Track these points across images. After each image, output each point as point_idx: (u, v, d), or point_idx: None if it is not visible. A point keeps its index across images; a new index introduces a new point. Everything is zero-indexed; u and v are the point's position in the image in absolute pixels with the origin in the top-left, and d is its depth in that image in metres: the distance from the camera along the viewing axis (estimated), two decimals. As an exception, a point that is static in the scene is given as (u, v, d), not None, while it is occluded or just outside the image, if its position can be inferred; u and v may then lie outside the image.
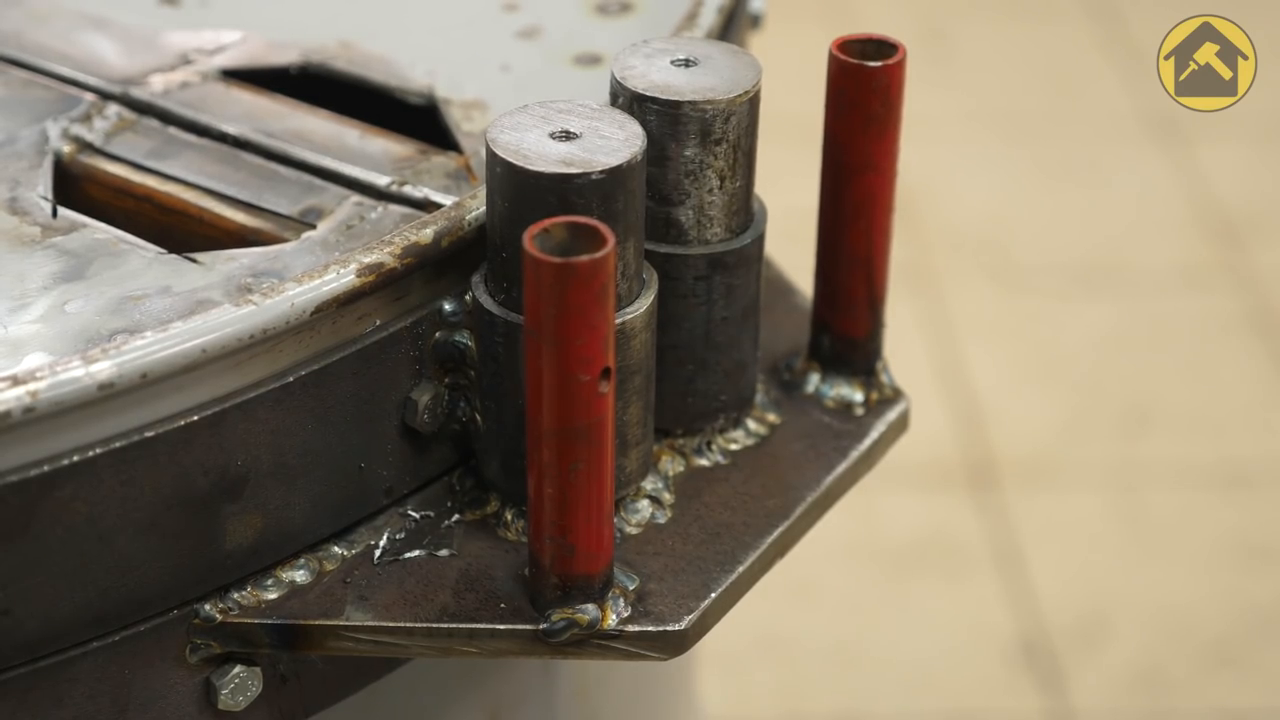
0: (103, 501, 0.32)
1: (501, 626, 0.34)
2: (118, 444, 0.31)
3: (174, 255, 0.37)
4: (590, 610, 0.33)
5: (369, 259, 0.33)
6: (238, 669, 0.34)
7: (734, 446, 0.39)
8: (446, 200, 0.38)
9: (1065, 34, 1.66)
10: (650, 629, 0.34)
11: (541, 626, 0.34)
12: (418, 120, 0.43)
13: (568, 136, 0.34)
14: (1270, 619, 1.12)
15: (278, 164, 0.40)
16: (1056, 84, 1.61)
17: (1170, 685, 1.06)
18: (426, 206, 0.38)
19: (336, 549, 0.35)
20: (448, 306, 0.36)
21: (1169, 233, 1.41)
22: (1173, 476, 1.21)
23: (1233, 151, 1.52)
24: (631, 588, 0.35)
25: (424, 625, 0.34)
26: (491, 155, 0.33)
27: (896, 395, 0.42)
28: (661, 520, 0.37)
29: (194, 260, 0.36)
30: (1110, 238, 1.41)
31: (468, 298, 0.36)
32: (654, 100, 0.36)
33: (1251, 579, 1.13)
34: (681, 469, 0.39)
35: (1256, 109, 1.45)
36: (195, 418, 0.32)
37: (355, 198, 0.39)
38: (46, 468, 0.30)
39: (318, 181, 0.39)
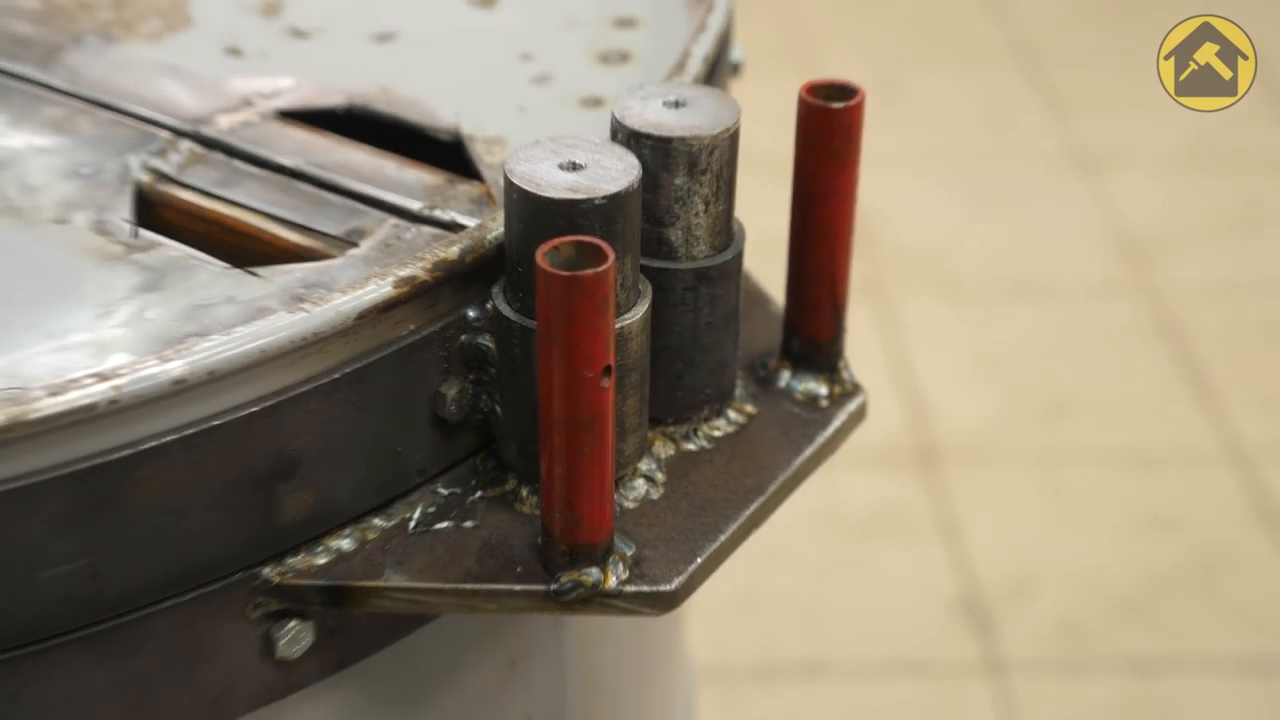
0: (176, 481, 0.34)
1: (518, 587, 0.37)
2: (189, 431, 0.34)
3: (238, 270, 0.39)
4: (594, 573, 0.36)
5: (404, 273, 0.36)
6: (293, 623, 0.37)
7: (717, 433, 0.42)
8: (471, 222, 0.40)
9: (999, 82, 1.86)
10: (645, 589, 0.37)
11: (552, 587, 0.37)
12: (446, 154, 0.45)
13: (574, 167, 0.36)
14: (1170, 579, 1.26)
15: (326, 192, 0.43)
16: (991, 125, 1.80)
17: (1085, 635, 1.19)
18: (453, 228, 0.40)
19: (377, 521, 0.38)
20: (472, 313, 0.38)
21: (1086, 252, 1.59)
22: (1088, 458, 1.36)
23: (1140, 182, 1.66)
24: (629, 554, 0.37)
25: (452, 586, 0.37)
26: (509, 183, 0.36)
27: (855, 389, 0.45)
28: (655, 496, 0.40)
29: (255, 274, 0.39)
30: (1036, 256, 1.60)
31: (489, 306, 0.38)
32: (648, 136, 0.39)
33: (1155, 545, 1.27)
34: (672, 452, 0.41)
35: (1159, 145, 1.74)
36: (255, 409, 0.34)
37: (393, 220, 0.41)
38: (128, 452, 0.33)
39: (360, 206, 0.42)
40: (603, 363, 0.33)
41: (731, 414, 0.42)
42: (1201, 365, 1.49)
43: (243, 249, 0.41)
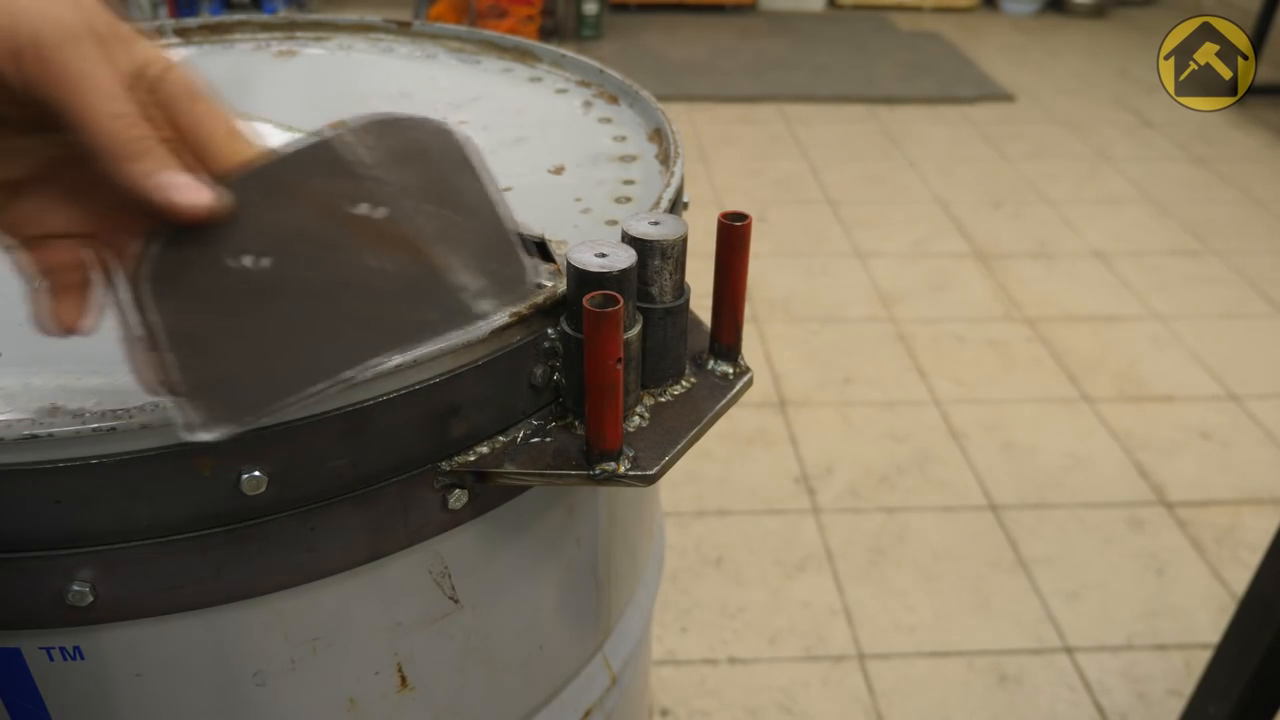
0: (398, 417, 0.45)
1: (573, 473, 0.48)
2: (402, 391, 0.44)
3: None
4: (612, 465, 0.48)
5: (515, 309, 0.46)
6: (457, 490, 0.49)
7: (676, 392, 0.53)
8: (549, 283, 0.49)
9: (817, 214, 2.96)
10: (638, 473, 0.48)
11: (591, 472, 0.48)
12: (538, 248, 0.53)
13: (602, 255, 0.46)
14: (904, 467, 1.96)
15: None
16: (811, 236, 2.82)
17: (860, 495, 1.89)
18: (540, 287, 0.48)
19: (501, 438, 0.49)
20: (550, 331, 0.49)
21: (860, 299, 2.51)
22: (862, 405, 2.14)
23: (888, 264, 2.67)
24: (630, 455, 0.49)
25: (539, 472, 0.48)
26: (569, 264, 0.46)
27: (747, 370, 0.55)
28: (644, 425, 0.51)
29: None
30: (835, 301, 2.51)
31: (559, 327, 0.49)
32: (640, 239, 0.49)
33: (895, 448, 2.01)
34: (652, 403, 0.52)
35: (896, 248, 2.80)
36: (437, 379, 0.45)
37: None
38: (370, 402, 0.44)
39: None
40: (617, 356, 0.44)
41: (683, 383, 0.53)
42: (918, 357, 2.29)
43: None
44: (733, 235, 0.50)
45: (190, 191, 0.36)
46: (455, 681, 0.55)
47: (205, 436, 0.35)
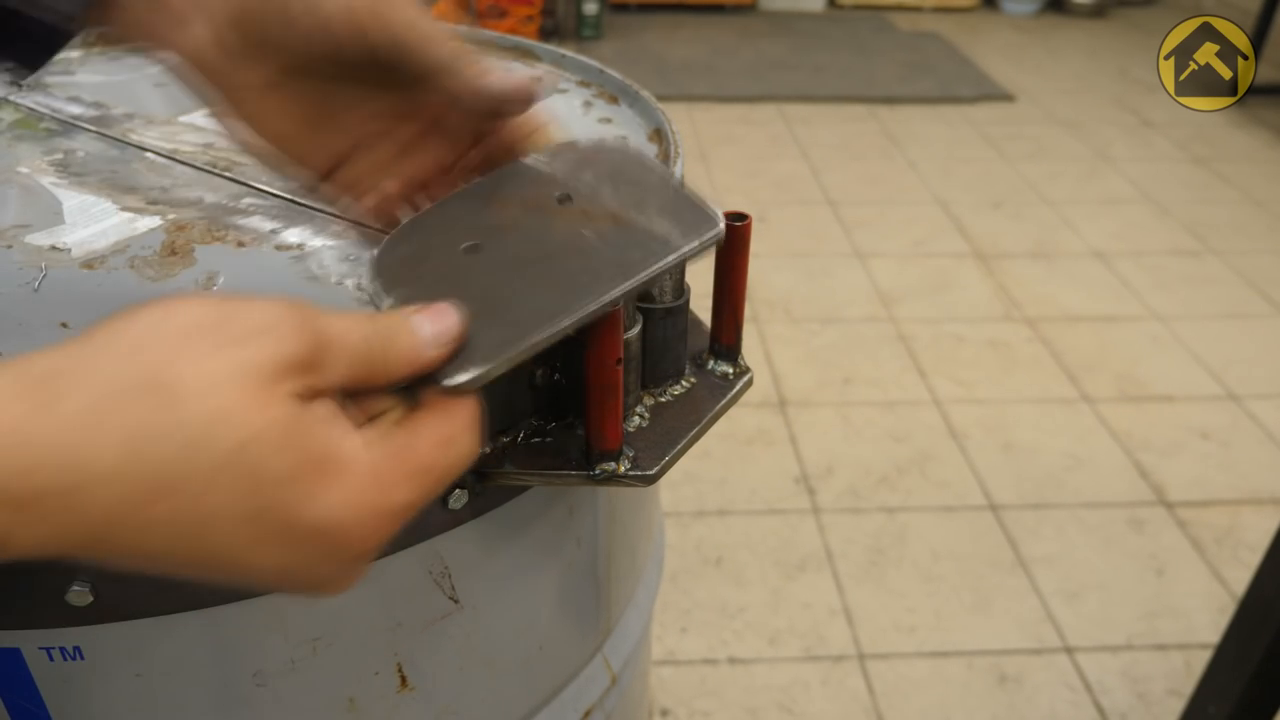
0: None
1: (574, 473, 0.48)
2: None
3: None
4: (612, 465, 0.48)
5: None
6: (457, 490, 0.49)
7: (675, 392, 0.53)
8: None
9: (817, 215, 2.96)
10: (638, 473, 0.48)
11: (591, 472, 0.48)
12: None
13: None
14: (903, 466, 1.97)
15: None
16: (812, 236, 2.84)
17: (860, 495, 1.91)
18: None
19: (502, 437, 0.49)
20: None
21: (860, 299, 2.53)
22: (862, 404, 2.16)
23: (887, 264, 2.69)
24: (630, 455, 0.49)
25: (540, 472, 0.48)
26: None
27: (747, 370, 0.55)
28: (644, 425, 0.51)
29: None
30: (835, 301, 2.53)
31: None
32: None
33: (895, 448, 2.03)
34: (652, 403, 0.52)
35: (896, 248, 2.82)
36: None
37: None
38: None
39: None
40: (617, 355, 0.44)
41: (683, 383, 0.54)
42: (918, 357, 2.32)
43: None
44: (733, 235, 0.50)
45: (510, 78, 0.44)
46: (455, 681, 0.56)
47: (461, 378, 0.37)
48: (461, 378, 0.36)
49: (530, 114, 0.46)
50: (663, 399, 0.53)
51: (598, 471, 0.48)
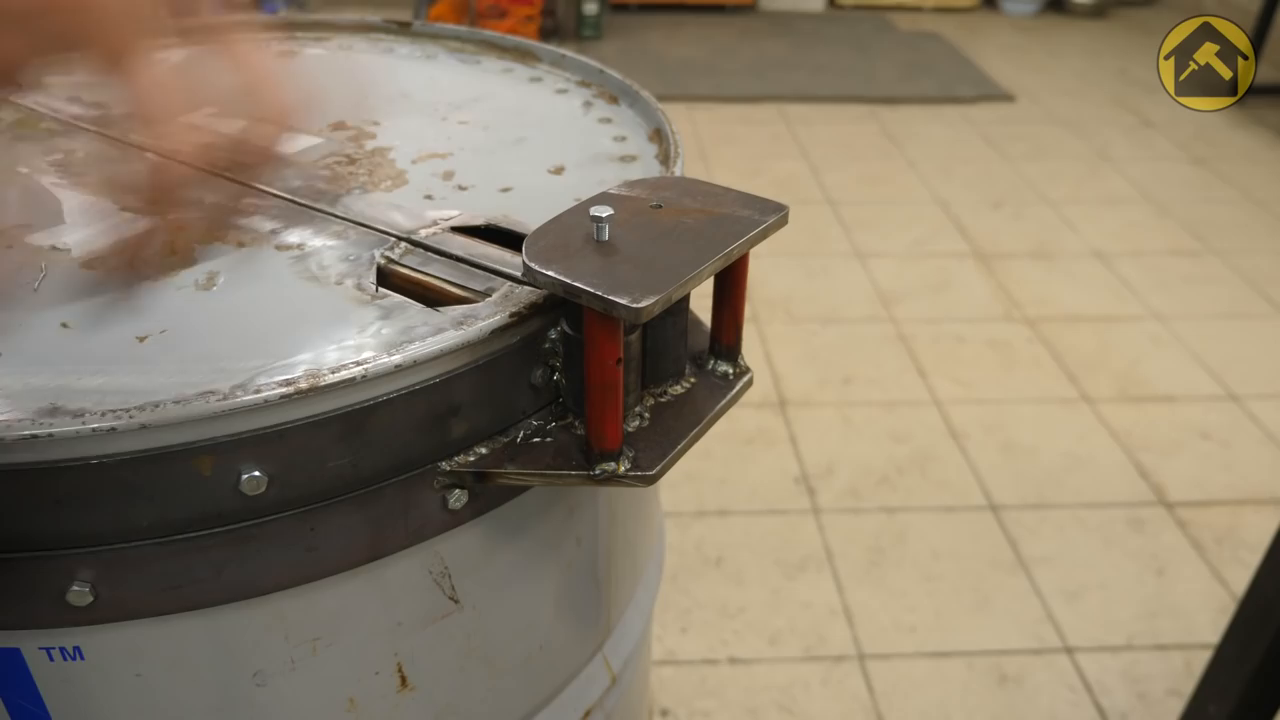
0: (396, 418, 0.44)
1: (574, 473, 0.48)
2: (403, 392, 0.44)
3: (430, 309, 0.48)
4: (612, 465, 0.47)
5: (514, 309, 0.46)
6: (457, 490, 0.49)
7: (675, 392, 0.53)
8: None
9: (818, 214, 2.97)
10: (638, 473, 0.48)
11: (591, 472, 0.47)
12: None
13: None
14: (903, 466, 1.95)
15: (475, 269, 0.52)
16: (812, 236, 2.82)
17: (860, 495, 1.90)
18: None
19: (502, 438, 0.49)
20: (550, 331, 0.49)
21: (860, 299, 2.52)
22: (862, 404, 2.15)
23: (887, 264, 2.68)
24: (630, 455, 0.48)
25: (539, 472, 0.48)
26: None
27: (747, 370, 0.55)
28: (644, 425, 0.51)
29: (438, 311, 0.48)
30: (835, 301, 2.51)
31: (559, 327, 0.49)
32: None
33: (895, 448, 2.02)
34: (652, 403, 0.52)
35: (895, 248, 2.79)
36: (437, 379, 0.45)
37: (509, 283, 0.50)
38: (371, 402, 0.43)
39: (493, 276, 0.51)
40: (617, 355, 0.45)
41: (683, 383, 0.54)
42: (918, 357, 2.30)
43: (432, 298, 0.50)
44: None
45: None
46: (455, 681, 0.56)
47: (647, 301, 0.43)
48: (647, 301, 0.43)
49: None
50: (663, 399, 0.53)
51: (598, 471, 0.48)
